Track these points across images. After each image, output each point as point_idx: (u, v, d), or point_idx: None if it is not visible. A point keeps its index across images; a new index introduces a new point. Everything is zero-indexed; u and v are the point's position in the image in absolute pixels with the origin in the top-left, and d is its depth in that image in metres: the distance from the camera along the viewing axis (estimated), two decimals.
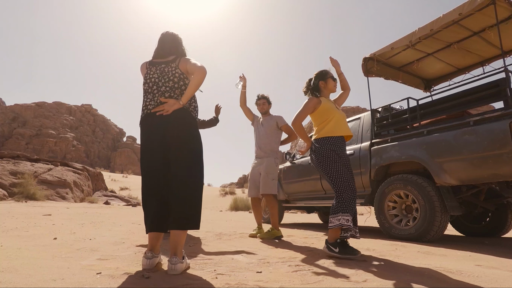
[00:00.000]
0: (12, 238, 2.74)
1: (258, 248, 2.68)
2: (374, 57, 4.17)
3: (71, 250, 2.30)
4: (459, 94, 3.22)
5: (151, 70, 2.03)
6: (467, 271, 1.91)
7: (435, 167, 3.09)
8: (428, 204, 3.12)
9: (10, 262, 1.85)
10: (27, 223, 3.91)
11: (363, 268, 1.94)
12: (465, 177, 2.93)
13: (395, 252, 2.59)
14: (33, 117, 57.38)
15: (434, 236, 3.13)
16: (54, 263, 1.86)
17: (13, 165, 10.83)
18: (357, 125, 4.35)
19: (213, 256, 2.26)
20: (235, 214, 9.47)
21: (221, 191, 24.80)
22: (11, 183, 9.69)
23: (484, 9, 3.14)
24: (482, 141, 2.76)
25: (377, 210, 3.64)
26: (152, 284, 1.51)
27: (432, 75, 5.00)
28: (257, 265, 2.02)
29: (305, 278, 1.70)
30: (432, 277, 1.75)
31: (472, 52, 4.27)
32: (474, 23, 3.63)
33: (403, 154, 3.44)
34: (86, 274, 1.66)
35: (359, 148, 4.08)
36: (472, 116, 3.03)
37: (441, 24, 3.36)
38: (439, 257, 2.43)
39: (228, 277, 1.68)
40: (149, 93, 1.99)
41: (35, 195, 9.27)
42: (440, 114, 3.38)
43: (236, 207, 12.24)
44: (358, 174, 3.99)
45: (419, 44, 3.95)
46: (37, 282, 1.49)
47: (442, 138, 3.08)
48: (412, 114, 3.58)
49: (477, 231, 4.10)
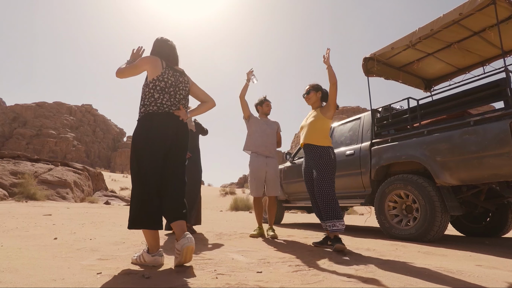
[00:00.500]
0: (13, 238, 2.75)
1: (259, 248, 2.68)
2: (375, 57, 4.17)
3: (72, 250, 2.31)
4: (459, 94, 3.22)
5: (169, 72, 2.12)
6: (468, 271, 1.91)
7: (436, 167, 3.08)
8: (429, 204, 3.11)
9: (11, 262, 1.85)
10: (27, 223, 3.91)
11: (364, 268, 1.94)
12: (465, 177, 2.93)
13: (395, 252, 2.59)
14: (33, 117, 57.41)
15: (434, 236, 3.13)
16: (54, 263, 1.86)
17: (14, 165, 10.84)
18: (357, 125, 4.35)
19: (214, 256, 2.26)
20: (235, 214, 9.47)
21: (221, 191, 24.82)
22: (12, 183, 9.70)
23: (484, 9, 3.14)
24: (482, 141, 2.75)
25: (377, 210, 3.64)
26: (153, 284, 1.51)
27: (432, 75, 4.99)
28: (257, 265, 2.02)
29: (305, 278, 1.70)
30: (432, 277, 1.75)
31: (473, 52, 4.27)
32: (474, 23, 3.63)
33: (403, 154, 3.44)
34: (87, 274, 1.66)
35: (359, 148, 4.08)
36: (472, 116, 3.03)
37: (442, 24, 3.36)
38: (440, 257, 2.43)
39: (228, 277, 1.68)
40: (166, 93, 2.07)
41: (36, 195, 9.28)
42: (441, 114, 3.37)
43: (236, 207, 12.25)
44: (358, 174, 3.99)
45: (419, 44, 3.95)
46: (38, 282, 1.49)
47: (443, 138, 3.08)
48: (413, 114, 3.58)
49: (477, 231, 4.10)
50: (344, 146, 4.41)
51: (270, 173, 3.53)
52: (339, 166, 4.28)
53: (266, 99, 3.75)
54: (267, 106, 3.72)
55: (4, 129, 51.73)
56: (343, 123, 4.72)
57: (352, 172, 4.08)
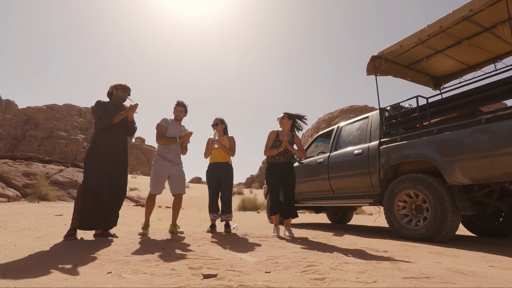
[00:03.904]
0: (26, 238, 2.81)
1: (267, 249, 2.68)
2: (383, 55, 4.13)
3: (82, 249, 2.34)
4: (470, 92, 3.16)
5: None
6: (480, 272, 1.87)
7: (446, 166, 3.03)
8: (439, 204, 3.06)
9: (24, 261, 1.90)
10: (39, 223, 3.99)
11: (373, 269, 1.92)
12: (477, 176, 2.87)
13: (405, 253, 2.55)
14: (44, 119, 58.54)
15: (445, 236, 3.08)
16: (66, 262, 1.90)
17: (26, 167, 11.07)
18: (365, 124, 4.31)
19: (222, 256, 2.26)
20: (243, 214, 9.48)
21: None
22: (24, 184, 9.91)
23: (495, 4, 3.07)
24: (494, 139, 2.70)
25: (386, 210, 3.60)
26: (155, 284, 1.53)
27: (442, 72, 4.91)
28: (266, 265, 2.01)
29: (314, 278, 1.69)
30: (444, 278, 1.72)
31: (483, 48, 4.19)
32: (485, 19, 3.56)
33: (412, 153, 3.40)
34: (98, 273, 1.68)
35: (367, 147, 4.04)
36: (483, 114, 2.97)
37: (451, 20, 3.30)
38: (451, 257, 2.39)
39: (237, 277, 1.68)
40: None
41: (47, 196, 9.47)
42: (451, 112, 3.32)
43: (244, 207, 12.25)
44: (367, 174, 3.96)
45: (428, 41, 3.89)
46: (50, 281, 1.52)
47: (453, 137, 3.03)
48: (422, 112, 3.53)
49: (490, 231, 4.01)
50: (352, 145, 4.37)
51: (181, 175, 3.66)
52: (347, 166, 4.25)
53: (179, 105, 3.75)
54: (176, 111, 3.75)
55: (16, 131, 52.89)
56: (350, 123, 4.69)
57: (361, 171, 4.05)
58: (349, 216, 6.67)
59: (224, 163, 3.92)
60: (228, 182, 3.87)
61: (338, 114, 44.85)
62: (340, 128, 4.82)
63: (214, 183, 3.88)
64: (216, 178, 3.88)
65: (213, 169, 3.91)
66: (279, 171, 3.70)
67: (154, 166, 3.57)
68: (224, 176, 3.88)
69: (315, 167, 4.87)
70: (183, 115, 3.76)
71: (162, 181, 3.54)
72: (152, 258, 2.12)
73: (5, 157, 11.90)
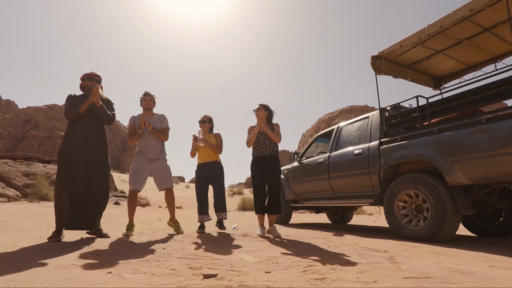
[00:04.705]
0: (26, 238, 2.81)
1: (267, 248, 2.68)
2: (383, 55, 4.13)
3: (82, 249, 2.34)
4: (470, 92, 3.16)
5: None
6: (480, 272, 1.87)
7: (446, 166, 3.03)
8: (439, 204, 3.06)
9: (24, 262, 1.90)
10: (40, 223, 3.99)
11: (373, 269, 1.92)
12: (477, 176, 2.87)
13: (405, 253, 2.55)
14: (45, 119, 58.56)
15: (445, 236, 3.08)
16: (66, 263, 1.90)
17: (26, 167, 11.08)
18: (365, 124, 4.31)
19: (222, 256, 2.26)
20: (243, 214, 9.49)
21: (229, 191, 24.88)
22: (24, 184, 9.91)
23: (495, 4, 3.07)
24: (494, 139, 2.70)
25: (386, 210, 3.60)
26: (155, 284, 1.53)
27: (442, 72, 4.91)
28: (266, 265, 2.02)
29: (314, 278, 1.69)
30: (444, 278, 1.72)
31: (484, 48, 4.18)
32: (485, 19, 3.55)
33: (413, 153, 3.40)
34: (98, 273, 1.68)
35: (367, 147, 4.04)
36: (484, 114, 2.97)
37: (451, 20, 3.30)
38: (451, 257, 2.39)
39: (237, 277, 1.68)
40: None
41: (48, 196, 9.47)
42: (451, 112, 3.31)
43: (244, 207, 12.26)
44: (367, 174, 3.96)
45: (428, 41, 3.89)
46: (51, 281, 1.52)
47: (453, 137, 3.02)
48: (422, 112, 3.53)
49: (490, 231, 4.01)
50: (352, 145, 4.37)
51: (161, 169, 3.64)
52: (347, 166, 4.25)
53: (146, 94, 3.72)
54: (144, 101, 3.71)
55: (16, 131, 52.91)
56: (350, 123, 4.69)
57: (361, 171, 4.05)
58: (349, 216, 6.67)
59: (213, 162, 3.89)
60: (219, 180, 3.85)
61: (338, 114, 44.87)
62: (340, 128, 4.82)
63: (202, 184, 3.84)
64: (206, 178, 3.86)
65: (202, 170, 3.88)
66: (263, 166, 3.61)
67: (132, 163, 3.61)
68: (215, 175, 3.85)
69: (315, 167, 4.87)
70: (152, 104, 3.73)
71: (140, 177, 3.52)
72: (152, 258, 2.12)
73: (5, 157, 11.91)
